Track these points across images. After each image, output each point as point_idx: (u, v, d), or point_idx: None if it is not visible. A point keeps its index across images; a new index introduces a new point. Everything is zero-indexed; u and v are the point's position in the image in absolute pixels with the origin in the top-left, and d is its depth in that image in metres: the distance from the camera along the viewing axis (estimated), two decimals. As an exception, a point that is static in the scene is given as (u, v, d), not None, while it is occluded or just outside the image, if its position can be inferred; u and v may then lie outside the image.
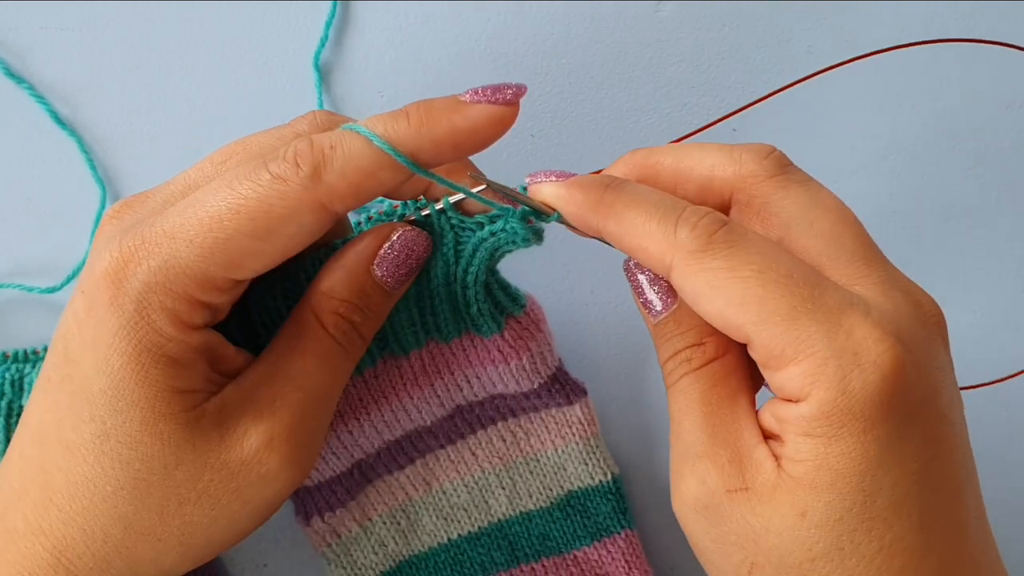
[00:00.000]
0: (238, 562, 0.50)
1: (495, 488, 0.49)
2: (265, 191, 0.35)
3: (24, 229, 0.51)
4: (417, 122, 0.36)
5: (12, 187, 0.51)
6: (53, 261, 0.50)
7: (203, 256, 0.35)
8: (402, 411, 0.46)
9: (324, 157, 0.35)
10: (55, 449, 0.36)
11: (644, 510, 0.51)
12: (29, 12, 0.51)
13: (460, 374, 0.45)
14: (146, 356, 0.35)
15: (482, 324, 0.42)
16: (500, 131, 0.36)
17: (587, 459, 0.49)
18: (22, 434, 0.38)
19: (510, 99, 0.36)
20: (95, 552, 0.36)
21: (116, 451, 0.35)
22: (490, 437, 0.48)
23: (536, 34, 0.51)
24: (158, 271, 0.34)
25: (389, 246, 0.39)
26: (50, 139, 0.51)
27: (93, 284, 0.35)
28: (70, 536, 0.36)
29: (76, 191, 0.50)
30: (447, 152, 0.36)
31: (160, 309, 0.35)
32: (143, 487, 0.36)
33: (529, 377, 0.45)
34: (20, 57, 0.51)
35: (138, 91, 0.51)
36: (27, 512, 0.36)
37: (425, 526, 0.49)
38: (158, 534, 0.36)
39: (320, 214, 0.35)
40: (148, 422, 0.35)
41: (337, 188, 0.35)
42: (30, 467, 0.37)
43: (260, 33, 0.51)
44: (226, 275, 0.35)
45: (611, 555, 0.49)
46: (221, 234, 0.35)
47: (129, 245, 0.35)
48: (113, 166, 0.51)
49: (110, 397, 0.35)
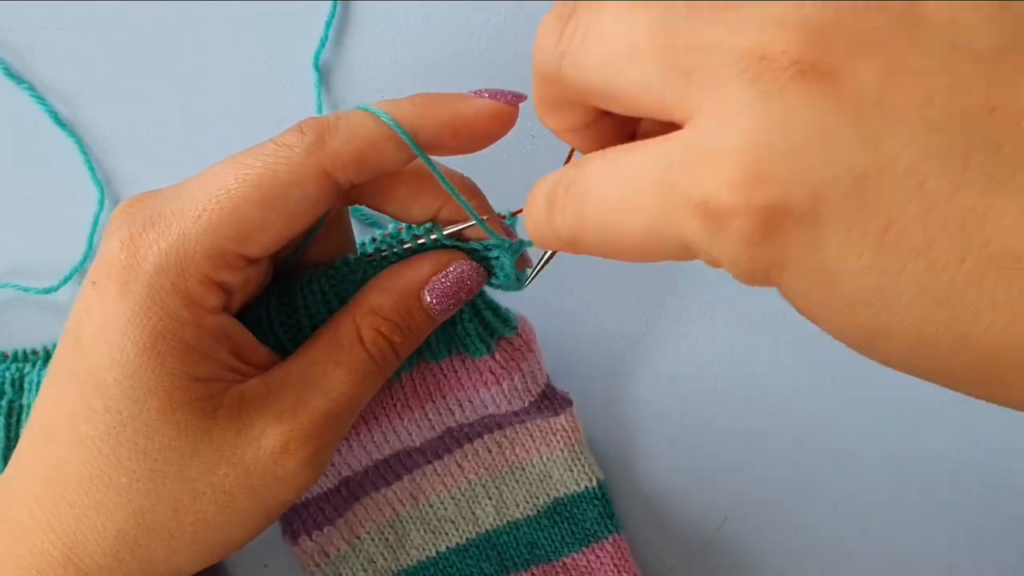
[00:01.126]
0: (238, 562, 0.50)
1: (482, 498, 0.49)
2: (271, 158, 0.35)
3: (22, 229, 0.50)
4: (421, 104, 0.37)
5: (11, 187, 0.51)
6: (51, 262, 0.50)
7: (211, 229, 0.35)
8: (392, 432, 0.46)
9: (329, 126, 0.36)
10: (66, 444, 0.35)
11: (630, 514, 0.51)
12: (29, 12, 0.51)
13: (452, 397, 0.45)
14: (161, 343, 0.35)
15: (470, 345, 0.42)
16: (499, 127, 0.37)
17: (572, 466, 0.49)
18: (31, 432, 0.37)
19: (512, 100, 0.37)
20: (107, 550, 0.36)
21: (133, 440, 0.35)
22: (476, 449, 0.48)
23: (536, 34, 0.51)
24: (169, 252, 0.35)
25: (444, 275, 0.39)
26: (50, 140, 0.51)
27: (103, 272, 0.35)
28: (81, 533, 0.36)
29: (75, 192, 0.50)
30: (448, 136, 0.37)
31: (173, 292, 0.35)
32: (158, 479, 0.35)
33: (520, 396, 0.46)
34: (20, 57, 0.51)
35: (138, 91, 0.51)
36: (36, 509, 0.36)
37: (413, 540, 0.49)
38: (171, 530, 0.36)
39: (324, 181, 0.36)
40: (165, 411, 0.35)
41: (341, 154, 0.36)
42: (40, 464, 0.36)
43: (260, 33, 0.52)
44: (236, 249, 0.35)
45: (600, 560, 0.49)
46: (228, 203, 0.35)
47: (139, 229, 0.35)
48: (112, 167, 0.51)
49: (126, 387, 0.35)
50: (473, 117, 0.37)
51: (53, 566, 0.35)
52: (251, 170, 0.35)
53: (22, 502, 0.36)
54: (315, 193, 0.36)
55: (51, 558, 0.36)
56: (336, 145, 0.36)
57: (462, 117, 0.37)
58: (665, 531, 0.51)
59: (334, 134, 0.36)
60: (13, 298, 0.50)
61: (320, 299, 0.40)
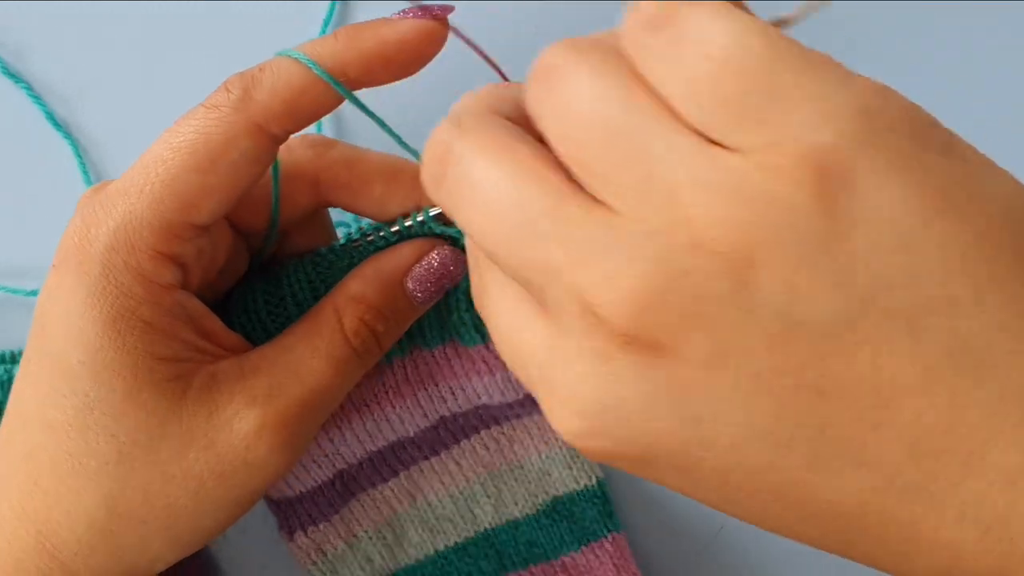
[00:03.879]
0: (238, 562, 0.50)
1: (480, 497, 0.48)
2: (201, 122, 0.35)
3: (15, 231, 0.50)
4: (344, 38, 0.36)
5: (6, 188, 0.51)
6: (43, 265, 0.50)
7: (154, 202, 0.35)
8: (384, 421, 0.45)
9: (253, 79, 0.35)
10: (37, 429, 0.35)
11: (630, 514, 0.51)
12: (27, 11, 0.51)
13: (444, 385, 0.45)
14: (121, 321, 0.34)
15: (464, 333, 0.42)
16: (429, 46, 0.36)
17: (571, 463, 0.48)
18: (7, 421, 0.37)
19: (437, 15, 0.36)
20: (79, 537, 0.35)
21: (101, 423, 0.35)
22: (474, 446, 0.48)
23: (536, 34, 0.51)
24: (117, 230, 0.35)
25: (427, 262, 0.39)
26: (46, 141, 0.51)
27: (61, 257, 0.35)
28: (54, 520, 0.35)
29: (71, 194, 0.50)
30: (377, 67, 0.36)
31: (125, 269, 0.34)
32: (127, 462, 0.35)
33: (514, 388, 0.45)
34: (18, 56, 0.51)
35: (136, 92, 0.51)
36: (12, 497, 0.36)
37: (411, 539, 0.48)
38: (142, 516, 0.36)
39: (258, 137, 0.35)
40: (131, 391, 0.35)
41: (271, 106, 0.35)
42: (15, 452, 0.36)
43: (259, 33, 0.51)
44: (183, 219, 0.35)
45: (599, 559, 0.49)
46: (166, 175, 0.35)
47: (89, 211, 0.35)
48: (113, 167, 0.51)
49: (89, 368, 0.34)
50: (401, 42, 0.36)
51: (29, 553, 0.35)
52: (183, 137, 0.35)
53: (2, 491, 0.36)
54: (252, 150, 0.35)
55: (27, 546, 0.36)
56: (263, 98, 0.35)
57: (390, 44, 0.36)
58: (666, 531, 0.50)
59: (259, 87, 0.35)
60: (4, 300, 0.50)
61: (307, 286, 0.40)
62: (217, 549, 0.50)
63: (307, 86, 0.35)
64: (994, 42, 0.53)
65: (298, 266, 0.40)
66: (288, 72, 0.35)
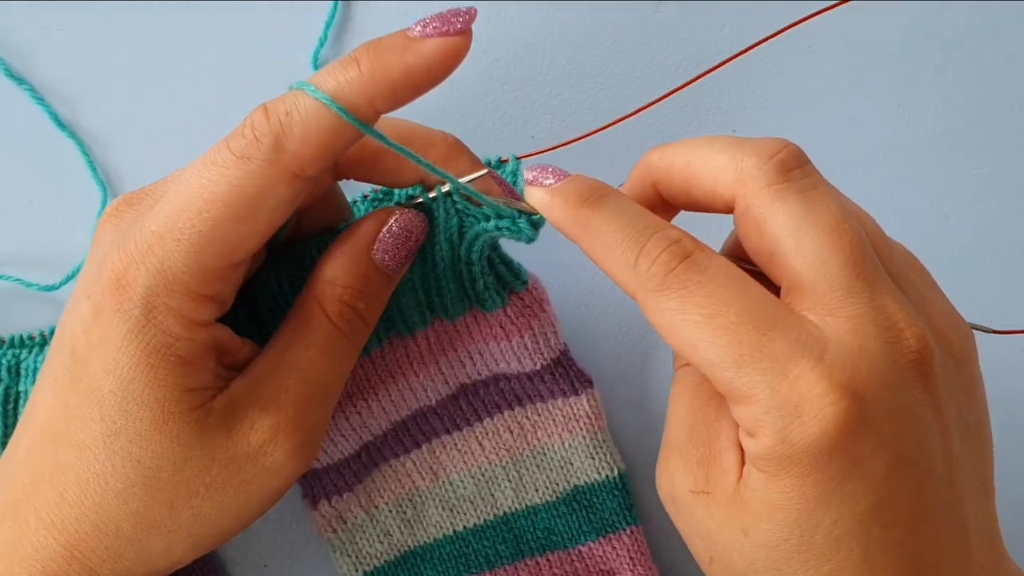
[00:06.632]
0: (238, 562, 0.51)
1: (501, 481, 0.49)
2: (232, 173, 0.34)
3: (25, 229, 0.51)
4: (369, 68, 0.35)
5: (13, 187, 0.51)
6: (53, 260, 0.51)
7: (194, 252, 0.35)
8: (408, 390, 0.46)
9: (282, 126, 0.34)
10: (65, 448, 0.37)
11: (650, 508, 0.51)
12: (30, 13, 0.52)
13: (463, 350, 0.46)
14: (155, 357, 0.35)
15: (487, 299, 0.43)
16: (455, 64, 0.35)
17: (594, 454, 0.49)
18: (30, 430, 0.38)
19: (461, 28, 0.35)
20: (108, 545, 0.37)
21: (126, 449, 0.36)
22: (497, 428, 0.49)
23: (536, 34, 0.52)
24: (157, 274, 0.35)
25: (388, 229, 0.39)
26: (51, 140, 0.51)
27: (99, 291, 0.36)
28: (82, 531, 0.37)
29: (77, 191, 0.51)
30: (404, 94, 0.35)
31: (166, 311, 0.35)
32: (153, 483, 0.36)
33: (531, 356, 0.46)
34: (21, 58, 0.51)
35: (138, 92, 0.52)
36: (39, 507, 0.37)
37: (431, 517, 0.49)
38: (168, 527, 0.37)
39: (294, 183, 0.35)
40: (158, 421, 0.36)
41: (304, 155, 0.35)
42: (41, 464, 0.37)
43: (260, 33, 0.52)
44: (222, 263, 0.36)
45: (616, 551, 0.49)
46: (204, 227, 0.35)
47: (127, 251, 0.35)
48: (113, 167, 0.52)
49: (120, 398, 0.35)
50: (426, 67, 0.35)
51: (58, 560, 0.37)
52: (217, 188, 0.34)
53: (26, 499, 0.37)
54: (288, 195, 0.35)
55: (55, 554, 0.37)
56: (296, 148, 0.34)
57: (416, 71, 0.35)
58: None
59: (290, 137, 0.34)
60: (16, 292, 0.50)
61: None
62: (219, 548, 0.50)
63: (338, 131, 0.35)
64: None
65: (321, 243, 0.40)
66: (318, 118, 0.34)
